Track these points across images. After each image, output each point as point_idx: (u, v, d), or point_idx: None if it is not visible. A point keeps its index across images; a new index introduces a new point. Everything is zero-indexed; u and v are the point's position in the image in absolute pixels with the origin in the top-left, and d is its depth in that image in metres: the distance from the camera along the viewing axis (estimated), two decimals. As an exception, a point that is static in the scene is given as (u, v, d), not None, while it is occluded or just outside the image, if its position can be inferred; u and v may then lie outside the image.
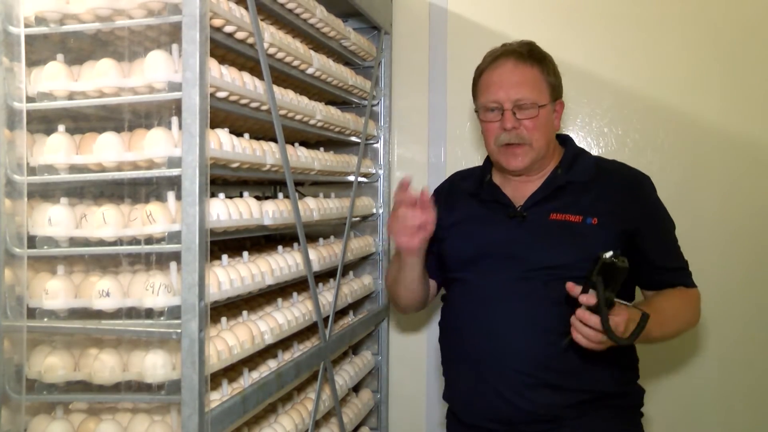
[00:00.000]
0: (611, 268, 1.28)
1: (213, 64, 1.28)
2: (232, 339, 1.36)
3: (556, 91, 1.61)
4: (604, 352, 1.39)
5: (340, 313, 2.11)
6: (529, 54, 1.58)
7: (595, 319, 1.31)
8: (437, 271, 1.76)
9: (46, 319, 1.27)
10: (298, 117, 1.70)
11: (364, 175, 2.24)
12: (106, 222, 1.26)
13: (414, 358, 2.42)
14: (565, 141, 1.69)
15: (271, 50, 1.53)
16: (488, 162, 1.73)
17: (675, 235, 1.60)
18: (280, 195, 1.64)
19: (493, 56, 1.62)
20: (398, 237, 1.60)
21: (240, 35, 1.39)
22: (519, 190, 1.63)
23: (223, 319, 1.46)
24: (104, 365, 1.27)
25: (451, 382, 1.68)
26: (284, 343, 1.68)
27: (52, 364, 1.28)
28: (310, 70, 1.76)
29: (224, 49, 1.41)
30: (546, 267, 1.51)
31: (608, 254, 1.28)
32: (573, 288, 1.35)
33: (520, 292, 1.52)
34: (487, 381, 1.54)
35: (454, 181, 1.82)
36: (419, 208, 1.56)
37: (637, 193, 1.57)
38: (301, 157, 1.73)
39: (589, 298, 1.31)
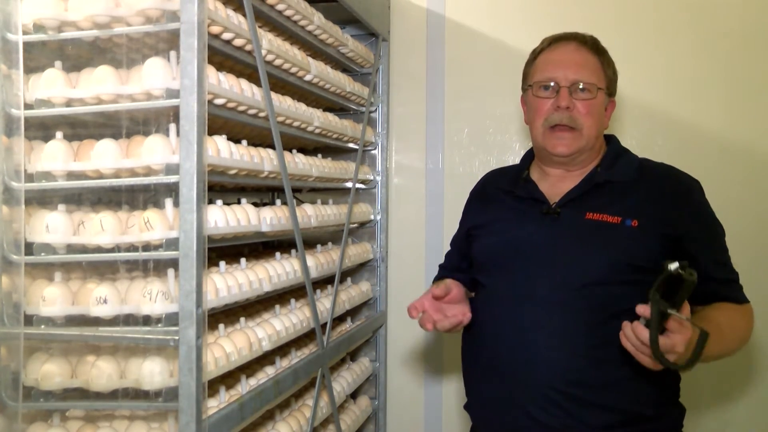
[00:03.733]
0: (676, 281, 1.14)
1: (211, 71, 1.28)
2: (229, 346, 1.36)
3: (611, 88, 1.54)
4: (641, 368, 1.27)
5: (338, 320, 2.11)
6: (592, 43, 1.53)
7: (645, 335, 1.18)
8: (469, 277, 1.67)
9: (43, 326, 1.27)
10: (295, 124, 1.70)
11: (362, 182, 2.24)
12: (103, 229, 1.26)
13: (412, 365, 2.42)
14: (609, 140, 1.60)
15: (269, 57, 1.53)
16: (526, 158, 1.67)
17: (725, 244, 1.48)
18: (278, 202, 1.63)
19: (554, 38, 1.56)
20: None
21: (238, 42, 1.40)
22: (556, 187, 1.53)
23: (221, 326, 1.45)
24: (101, 372, 1.26)
25: (473, 393, 1.60)
26: (282, 350, 1.67)
27: (49, 372, 1.28)
28: (307, 77, 1.76)
29: (222, 56, 1.41)
30: (579, 271, 1.40)
31: (674, 265, 1.13)
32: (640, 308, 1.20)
33: (550, 297, 1.41)
34: (513, 395, 1.44)
35: (488, 180, 1.75)
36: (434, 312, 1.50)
37: (685, 197, 1.46)
38: (299, 163, 1.73)
39: (645, 309, 1.18)
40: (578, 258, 1.42)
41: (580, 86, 1.47)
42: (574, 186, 1.50)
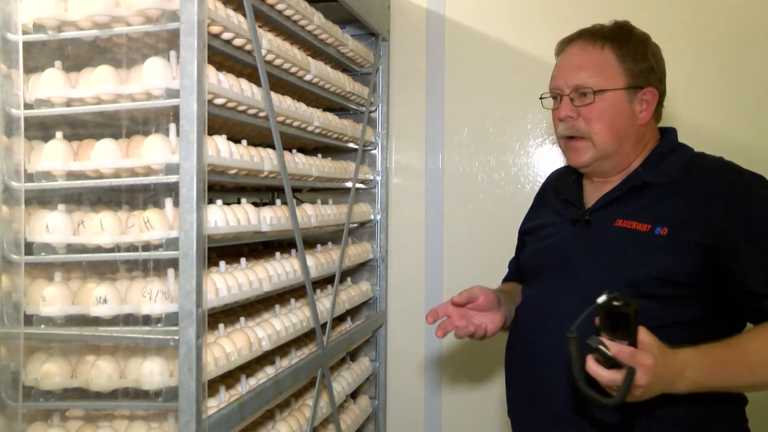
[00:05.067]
0: (610, 313, 1.05)
1: (211, 70, 1.28)
2: (229, 346, 1.36)
3: (638, 78, 1.36)
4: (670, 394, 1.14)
5: (338, 320, 2.11)
6: (606, 35, 1.38)
7: (597, 371, 1.06)
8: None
9: (43, 326, 1.27)
10: (295, 123, 1.70)
11: (362, 182, 2.24)
12: (103, 229, 1.26)
13: (412, 365, 2.42)
14: (664, 134, 1.43)
15: (269, 57, 1.53)
16: None
17: None
18: (278, 201, 1.63)
19: (564, 41, 1.45)
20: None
21: (238, 42, 1.40)
22: (597, 191, 1.41)
23: (221, 326, 1.45)
24: (101, 372, 1.26)
25: (511, 408, 1.51)
26: (282, 350, 1.67)
27: (49, 371, 1.28)
28: (307, 77, 1.76)
29: (222, 55, 1.41)
30: (603, 283, 1.15)
31: (602, 298, 1.05)
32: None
33: (573, 312, 1.17)
34: (534, 411, 1.36)
35: (549, 180, 1.65)
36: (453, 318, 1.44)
37: (731, 199, 1.26)
38: (299, 163, 1.73)
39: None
40: (603, 270, 1.30)
41: (581, 90, 1.36)
42: (611, 189, 1.38)
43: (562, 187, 1.52)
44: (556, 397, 1.33)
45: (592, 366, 1.06)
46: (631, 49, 1.37)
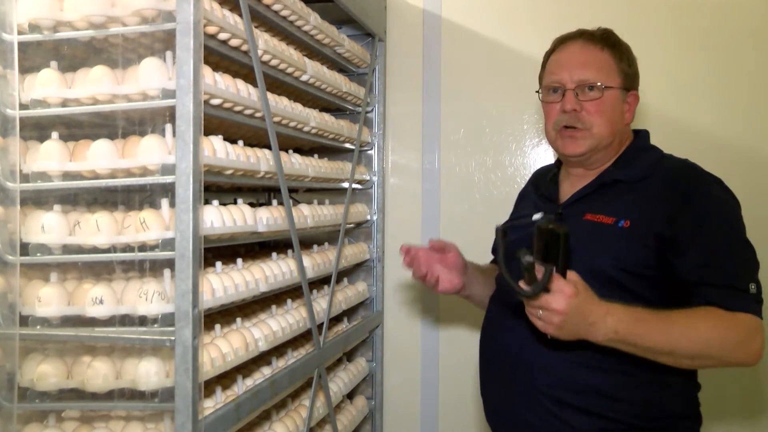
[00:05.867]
0: (542, 231, 1.12)
1: (207, 71, 1.28)
2: (225, 346, 1.36)
3: (628, 81, 1.47)
4: (634, 380, 1.30)
5: (334, 320, 2.11)
6: (602, 37, 1.49)
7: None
8: None
9: (38, 327, 1.27)
10: (292, 124, 1.70)
11: (359, 182, 2.24)
12: (99, 229, 1.26)
13: (408, 365, 2.42)
14: (637, 136, 1.54)
15: (265, 57, 1.53)
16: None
17: (733, 250, 1.34)
18: (274, 202, 1.63)
19: (561, 39, 1.54)
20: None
21: (234, 42, 1.40)
22: (572, 187, 1.51)
23: (217, 326, 1.45)
24: (97, 373, 1.26)
25: (482, 390, 1.58)
26: (278, 350, 1.67)
27: (45, 372, 1.28)
28: (304, 77, 1.76)
29: (218, 56, 1.41)
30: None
31: (537, 216, 1.14)
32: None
33: None
34: (509, 397, 1.44)
35: (531, 178, 1.75)
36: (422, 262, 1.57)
37: (689, 194, 1.36)
38: (295, 164, 1.73)
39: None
40: (572, 259, 1.37)
41: (587, 86, 1.43)
42: (583, 186, 1.48)
43: (541, 183, 1.63)
44: (533, 378, 1.40)
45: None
46: (624, 54, 1.49)
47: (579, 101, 1.44)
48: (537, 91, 1.56)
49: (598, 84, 1.43)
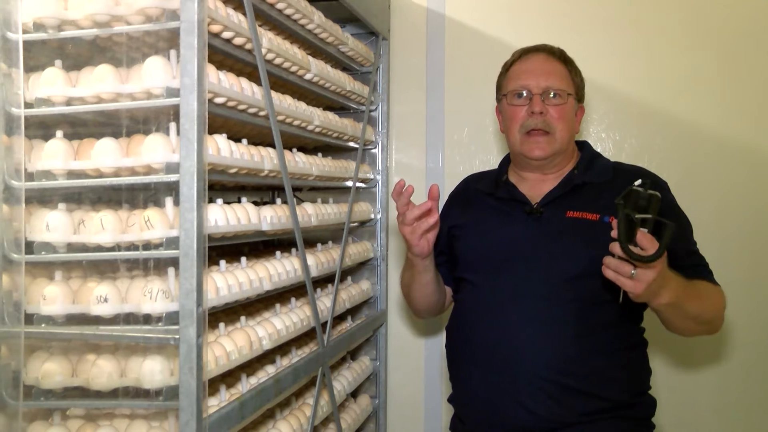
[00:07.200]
0: (638, 196, 1.23)
1: (211, 69, 1.28)
2: (230, 345, 1.36)
3: (579, 94, 1.66)
4: (618, 360, 1.45)
5: (339, 319, 2.11)
6: (560, 53, 1.66)
7: (618, 247, 1.24)
8: (450, 276, 1.76)
9: (43, 325, 1.27)
10: (296, 122, 1.70)
11: (362, 181, 2.24)
12: (104, 228, 1.26)
13: (412, 364, 2.42)
14: (582, 146, 1.72)
15: (269, 56, 1.53)
16: (504, 163, 1.77)
17: (693, 237, 1.58)
18: (278, 200, 1.63)
19: (524, 51, 1.68)
20: (410, 241, 1.59)
21: (238, 41, 1.40)
22: (535, 189, 1.63)
23: (221, 325, 1.45)
24: (102, 371, 1.26)
25: (459, 386, 1.66)
26: (282, 349, 1.67)
27: (50, 370, 1.28)
28: (308, 76, 1.76)
29: (222, 54, 1.41)
30: (563, 265, 1.50)
31: (637, 182, 1.25)
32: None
33: (537, 291, 1.51)
34: (501, 387, 1.51)
35: (469, 183, 1.84)
36: (422, 211, 1.56)
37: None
38: (299, 162, 1.73)
39: (615, 225, 1.25)
40: (562, 253, 1.51)
41: (551, 93, 1.58)
42: (554, 187, 1.60)
43: (493, 188, 1.70)
44: (528, 364, 1.48)
45: (641, 234, 1.23)
46: (576, 70, 1.67)
47: (545, 105, 1.58)
48: (502, 95, 1.68)
49: (563, 90, 1.59)
